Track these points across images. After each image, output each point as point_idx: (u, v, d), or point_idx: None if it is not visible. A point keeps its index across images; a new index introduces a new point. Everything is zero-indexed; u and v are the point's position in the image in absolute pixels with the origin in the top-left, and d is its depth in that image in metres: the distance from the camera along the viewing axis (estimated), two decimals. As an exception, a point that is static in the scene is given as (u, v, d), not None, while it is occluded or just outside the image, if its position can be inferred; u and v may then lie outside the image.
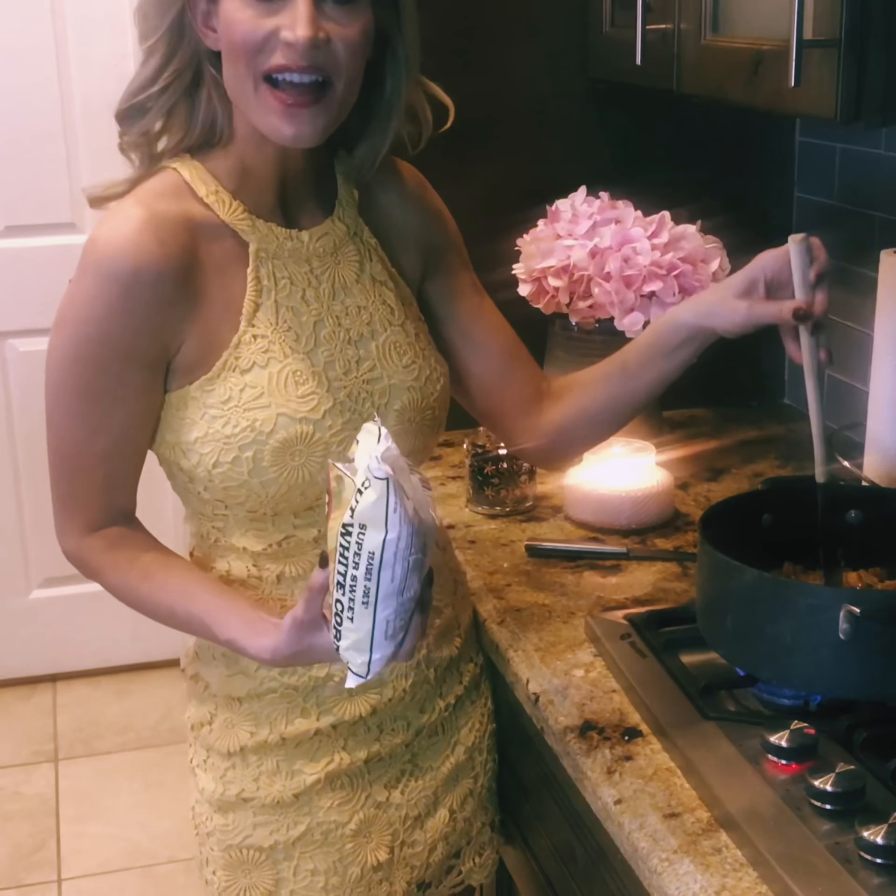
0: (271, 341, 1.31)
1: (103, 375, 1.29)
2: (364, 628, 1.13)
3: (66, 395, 1.32)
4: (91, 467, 1.34)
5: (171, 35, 1.29)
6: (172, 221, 1.28)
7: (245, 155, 1.33)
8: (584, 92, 2.17)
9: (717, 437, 2.20)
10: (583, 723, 1.34)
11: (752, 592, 1.27)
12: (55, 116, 3.29)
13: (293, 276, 1.34)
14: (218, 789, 1.44)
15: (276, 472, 1.30)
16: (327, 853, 1.44)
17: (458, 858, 1.57)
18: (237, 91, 1.28)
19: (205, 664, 1.46)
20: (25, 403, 3.46)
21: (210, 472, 1.30)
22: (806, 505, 1.46)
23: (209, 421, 1.29)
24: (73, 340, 1.29)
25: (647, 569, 1.70)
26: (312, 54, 1.22)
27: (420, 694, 1.47)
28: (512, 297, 1.97)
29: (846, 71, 1.38)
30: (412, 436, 1.39)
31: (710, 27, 1.70)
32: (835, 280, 1.36)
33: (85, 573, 1.41)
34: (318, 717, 1.41)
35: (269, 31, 1.22)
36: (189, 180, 1.32)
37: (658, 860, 1.13)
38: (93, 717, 3.51)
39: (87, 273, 1.27)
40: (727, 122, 2.16)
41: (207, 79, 1.31)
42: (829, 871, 1.05)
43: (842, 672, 1.22)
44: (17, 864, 2.94)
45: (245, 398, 1.29)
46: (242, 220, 1.32)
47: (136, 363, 1.28)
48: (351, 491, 1.10)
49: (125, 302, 1.26)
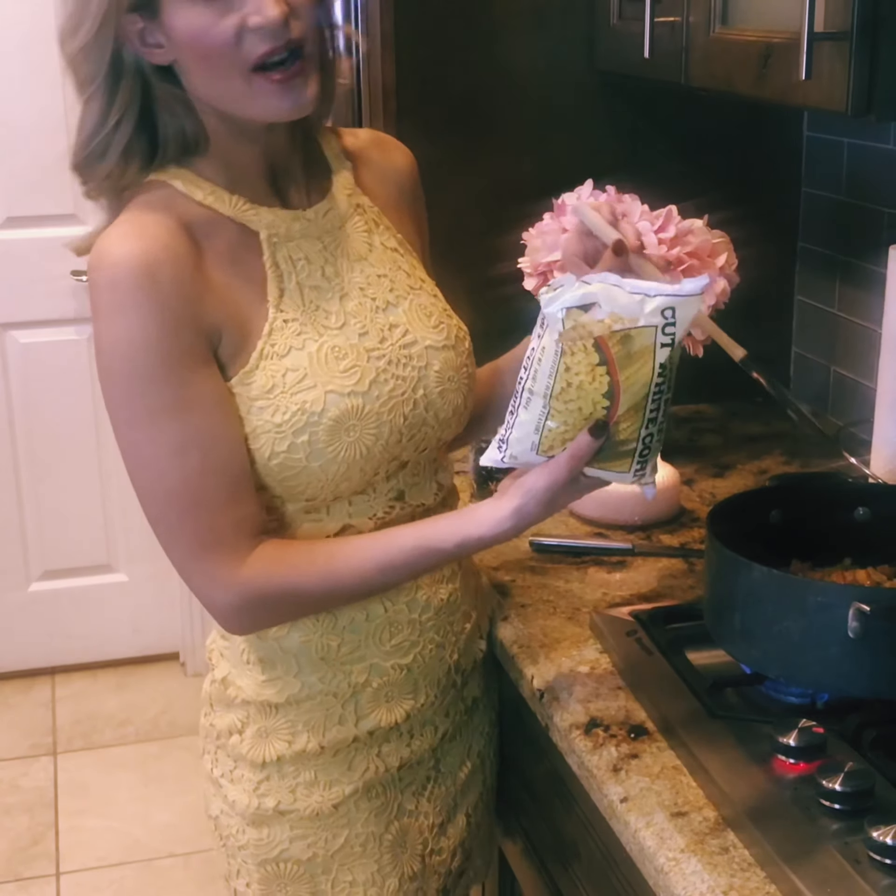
0: (303, 323, 1.30)
1: (167, 386, 1.23)
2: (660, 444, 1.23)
3: (138, 429, 1.24)
4: (197, 491, 1.25)
5: (110, 74, 1.25)
6: (167, 226, 1.25)
7: (227, 154, 1.31)
8: (592, 85, 2.16)
9: (723, 433, 2.19)
10: (588, 720, 1.33)
11: (761, 589, 1.26)
12: (57, 107, 3.27)
13: (309, 256, 1.33)
14: (252, 803, 1.42)
15: (334, 452, 1.27)
16: (365, 864, 1.43)
17: (469, 860, 1.57)
18: (220, 92, 1.25)
19: (236, 668, 1.42)
20: (26, 395, 3.45)
21: (266, 465, 1.27)
22: (814, 502, 1.46)
23: (257, 413, 1.26)
24: (120, 366, 1.24)
25: (652, 565, 1.69)
26: (286, 28, 1.20)
27: (447, 699, 1.47)
28: (517, 291, 1.96)
29: (857, 64, 1.36)
30: (453, 395, 1.38)
31: (719, 20, 1.68)
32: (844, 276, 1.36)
33: (265, 614, 1.31)
34: (356, 724, 1.40)
35: (236, 25, 1.20)
36: (183, 188, 1.29)
37: (665, 859, 1.12)
38: (92, 710, 3.51)
39: (104, 296, 1.23)
40: (735, 116, 2.15)
41: (162, 97, 1.27)
42: (838, 871, 1.04)
43: (851, 670, 1.21)
44: (15, 857, 2.94)
45: (289, 382, 1.27)
46: (246, 210, 1.31)
47: (192, 363, 1.24)
48: (646, 337, 1.13)
49: (152, 305, 1.21)
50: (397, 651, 1.39)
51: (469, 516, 1.27)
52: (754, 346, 1.42)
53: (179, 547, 1.27)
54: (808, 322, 2.32)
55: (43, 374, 3.44)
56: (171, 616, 3.55)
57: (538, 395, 1.18)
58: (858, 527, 1.44)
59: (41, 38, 3.21)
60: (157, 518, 1.27)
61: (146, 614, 3.62)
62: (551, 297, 1.17)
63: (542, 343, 1.18)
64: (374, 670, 1.39)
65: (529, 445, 1.21)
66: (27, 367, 3.43)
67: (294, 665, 1.37)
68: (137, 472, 1.26)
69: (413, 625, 1.40)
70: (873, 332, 2.03)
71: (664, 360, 1.15)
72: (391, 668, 1.39)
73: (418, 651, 1.41)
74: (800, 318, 2.34)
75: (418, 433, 1.35)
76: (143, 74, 1.26)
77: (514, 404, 1.21)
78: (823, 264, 2.24)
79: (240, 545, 1.27)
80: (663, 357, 1.15)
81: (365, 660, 1.38)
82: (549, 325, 1.17)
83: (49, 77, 3.25)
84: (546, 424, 1.19)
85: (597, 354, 1.15)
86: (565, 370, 1.16)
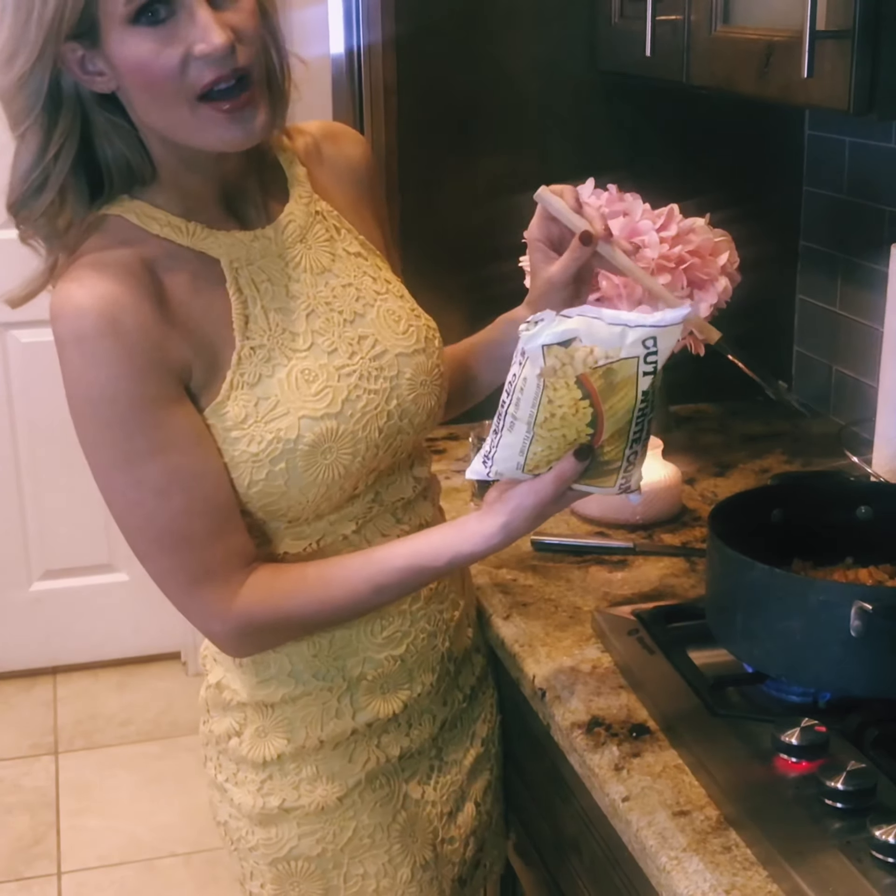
0: (270, 349, 1.28)
1: (136, 432, 1.22)
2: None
3: (118, 474, 1.23)
4: (185, 529, 1.24)
5: (48, 105, 1.20)
6: (125, 266, 1.22)
7: (178, 182, 1.28)
8: (593, 84, 2.15)
9: (724, 433, 2.19)
10: (590, 719, 1.33)
11: (763, 588, 1.26)
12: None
13: (272, 277, 1.31)
14: (257, 803, 1.41)
15: (312, 475, 1.27)
16: (376, 856, 1.43)
17: (483, 851, 1.57)
18: (165, 119, 1.21)
19: (230, 671, 1.42)
20: (27, 394, 3.44)
21: (247, 492, 1.27)
22: (816, 500, 1.46)
23: (232, 443, 1.25)
24: (92, 412, 1.22)
25: (653, 564, 1.69)
26: (233, 56, 1.17)
27: (443, 687, 1.48)
28: (519, 290, 1.96)
29: (859, 62, 1.36)
30: (426, 398, 1.37)
31: (720, 18, 1.68)
32: (846, 275, 1.36)
33: (261, 641, 1.32)
34: (354, 717, 1.40)
35: (182, 53, 1.16)
36: (137, 221, 1.26)
37: (667, 858, 1.11)
38: (93, 709, 3.51)
39: (69, 347, 1.20)
40: (736, 115, 2.15)
41: (102, 126, 1.23)
42: (841, 870, 1.04)
43: (853, 669, 1.21)
44: (16, 856, 2.94)
45: (262, 411, 1.26)
46: (205, 238, 1.28)
47: (162, 403, 1.22)
48: (628, 368, 1.12)
49: (119, 353, 1.19)
50: (390, 642, 1.40)
51: (458, 533, 1.27)
52: (756, 345, 1.42)
53: (171, 583, 1.28)
54: (809, 321, 2.32)
55: (44, 374, 3.41)
56: (173, 615, 3.48)
57: (521, 422, 1.17)
58: (860, 526, 1.44)
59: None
60: (147, 556, 1.27)
61: (147, 614, 3.60)
62: (532, 335, 1.13)
63: (522, 373, 1.15)
64: (368, 663, 1.39)
65: (514, 465, 1.20)
66: (28, 366, 3.42)
67: (287, 664, 1.37)
68: (122, 516, 1.26)
69: (403, 615, 1.40)
70: (875, 331, 2.03)
71: (647, 387, 1.14)
72: (385, 660, 1.40)
73: (410, 641, 1.41)
74: (801, 316, 2.34)
75: (395, 441, 1.35)
76: (82, 103, 1.22)
77: (497, 425, 1.19)
78: (825, 263, 2.24)
79: (231, 577, 1.27)
80: (646, 385, 1.14)
81: (358, 653, 1.38)
82: (531, 360, 1.14)
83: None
84: (531, 448, 1.18)
85: (579, 390, 1.14)
86: (548, 402, 1.15)
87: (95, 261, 1.23)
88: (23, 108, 1.20)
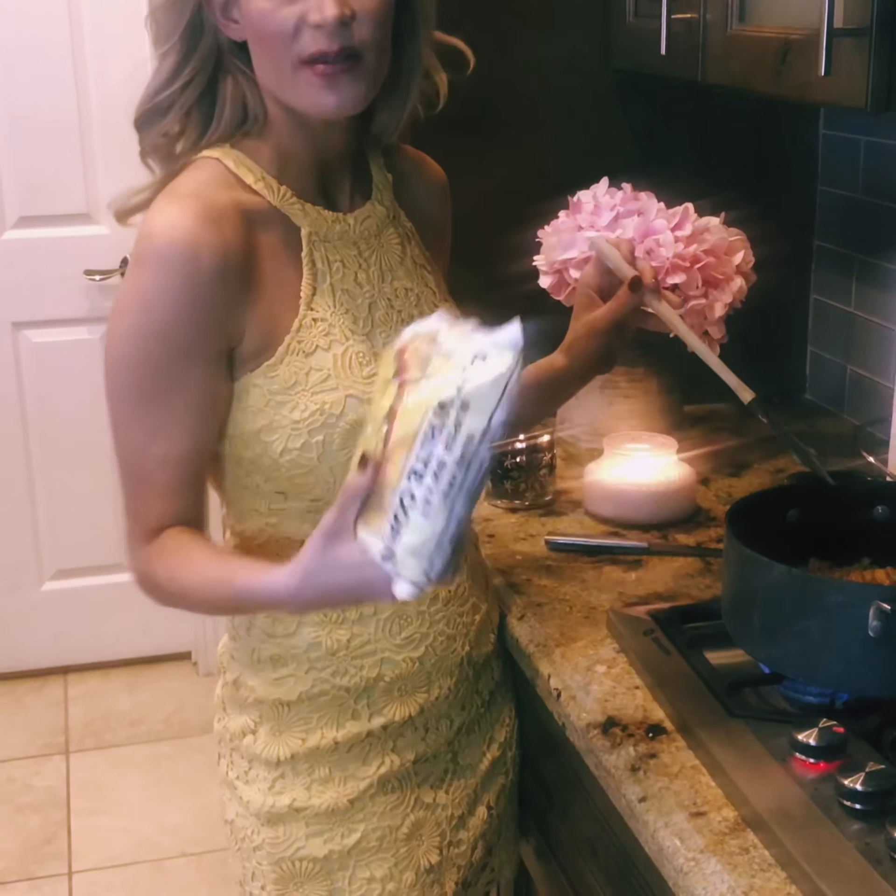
0: (331, 324, 1.30)
1: (164, 373, 1.24)
2: (436, 527, 1.02)
3: (126, 396, 1.27)
4: (149, 472, 1.27)
5: (187, 36, 1.28)
6: (228, 211, 1.25)
7: (282, 141, 1.32)
8: (608, 82, 2.15)
9: (739, 433, 2.18)
10: (606, 719, 1.32)
11: (781, 588, 1.25)
12: (70, 107, 3.28)
13: (345, 259, 1.34)
14: (267, 801, 1.41)
15: (346, 456, 1.26)
16: (382, 859, 1.42)
17: (491, 854, 1.56)
18: (273, 76, 1.26)
19: (247, 668, 1.42)
20: (39, 394, 3.45)
21: (276, 460, 1.28)
22: (832, 500, 1.45)
23: (275, 407, 1.27)
24: (133, 336, 1.24)
25: (668, 564, 1.68)
26: (342, 32, 1.21)
27: (462, 691, 1.47)
28: (532, 289, 1.96)
29: (877, 60, 1.35)
30: None
31: (736, 16, 1.68)
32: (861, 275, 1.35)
33: (145, 589, 1.32)
34: (370, 719, 1.39)
35: (297, 17, 1.21)
36: (234, 169, 1.30)
37: (684, 859, 1.11)
38: (104, 709, 3.50)
39: (148, 265, 1.23)
40: (751, 114, 2.15)
41: (231, 70, 1.29)
42: (860, 871, 1.03)
43: (871, 670, 1.20)
44: (27, 856, 2.93)
45: (312, 381, 1.27)
46: (292, 203, 1.31)
47: (199, 358, 1.24)
48: (449, 363, 1.00)
49: (189, 294, 1.21)
50: (408, 644, 1.39)
51: (261, 567, 1.20)
52: (770, 346, 1.41)
53: (124, 504, 1.31)
54: (824, 321, 2.31)
55: (55, 374, 3.44)
56: (183, 615, 3.50)
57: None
58: (877, 525, 1.43)
59: (56, 38, 3.23)
60: (120, 481, 1.30)
61: (158, 614, 3.54)
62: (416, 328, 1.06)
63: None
64: (386, 664, 1.39)
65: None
66: (40, 366, 3.42)
67: (305, 661, 1.37)
68: (115, 438, 1.29)
69: (422, 616, 1.39)
70: (890, 331, 2.02)
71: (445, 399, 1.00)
72: (403, 662, 1.39)
73: (429, 643, 1.41)
74: (816, 316, 2.33)
75: None
76: (218, 44, 1.29)
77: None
78: (839, 263, 2.23)
79: (153, 530, 1.28)
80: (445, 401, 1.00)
81: (376, 653, 1.38)
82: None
83: (63, 77, 3.26)
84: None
85: (394, 367, 1.06)
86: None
87: (202, 193, 1.26)
88: (166, 30, 1.28)
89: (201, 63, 1.29)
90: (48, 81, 3.25)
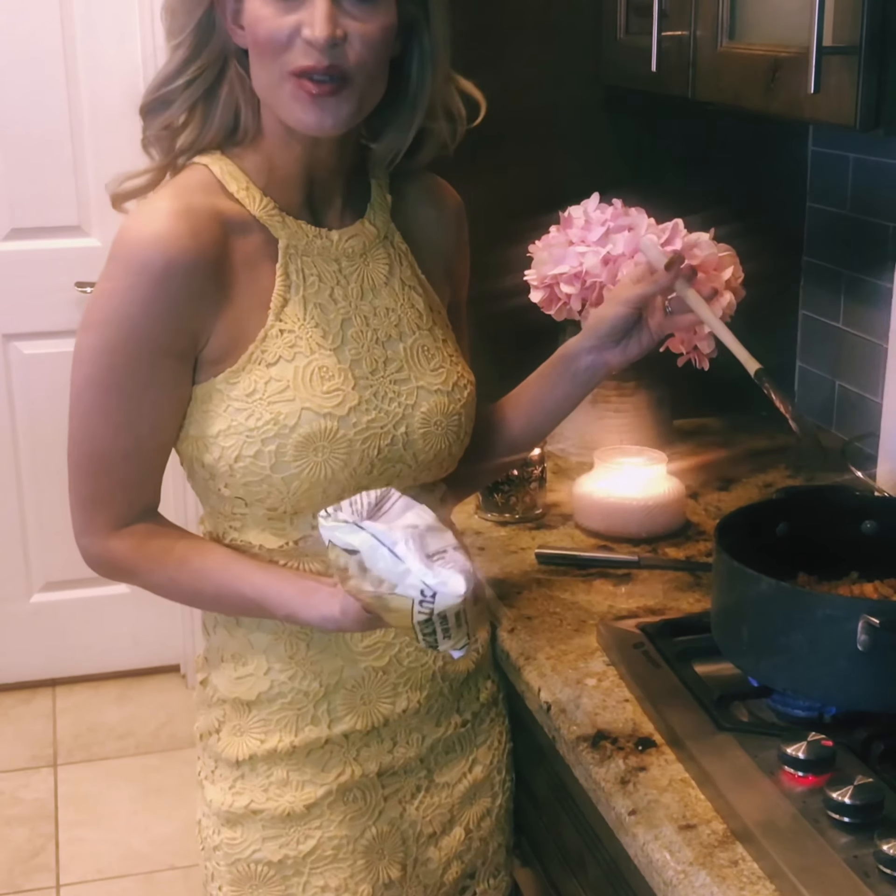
0: (298, 336, 1.31)
1: (131, 369, 1.28)
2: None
3: (92, 391, 1.30)
4: (113, 465, 1.32)
5: (198, 32, 1.30)
6: (204, 214, 1.28)
7: (273, 152, 1.33)
8: (598, 99, 2.16)
9: (728, 447, 2.19)
10: (595, 732, 1.33)
11: (769, 602, 1.26)
12: (62, 119, 3.29)
13: (322, 274, 1.34)
14: (227, 801, 1.42)
15: (298, 468, 1.29)
16: (338, 869, 1.41)
17: (473, 879, 1.55)
18: (265, 86, 1.28)
19: (214, 667, 1.43)
20: (29, 406, 3.44)
21: (232, 466, 1.29)
22: (821, 515, 1.46)
23: (232, 413, 1.29)
24: (103, 334, 1.28)
25: (658, 578, 1.69)
26: (332, 53, 1.22)
27: (436, 707, 1.46)
28: (523, 304, 1.96)
29: (866, 78, 1.36)
30: (437, 439, 1.37)
31: (726, 34, 1.69)
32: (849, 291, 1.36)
33: (114, 575, 1.39)
34: (330, 725, 1.39)
35: (291, 28, 1.23)
36: (220, 176, 1.32)
37: (673, 872, 1.11)
38: (93, 722, 3.50)
39: (118, 265, 1.27)
40: (741, 131, 2.16)
41: (232, 76, 1.31)
42: (848, 884, 1.04)
43: (859, 684, 1.21)
44: (15, 869, 2.93)
45: (269, 391, 1.29)
46: (273, 215, 1.32)
47: (165, 355, 1.28)
48: (401, 602, 1.11)
49: (156, 294, 1.25)
50: (370, 653, 1.39)
51: (305, 597, 1.28)
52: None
53: (75, 489, 1.35)
54: (812, 336, 2.32)
55: (46, 386, 3.43)
56: (173, 628, 3.54)
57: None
58: (865, 540, 1.44)
59: (48, 52, 3.24)
60: (72, 463, 1.34)
61: (147, 626, 3.60)
62: (326, 525, 1.14)
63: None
64: (347, 672, 1.38)
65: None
66: (30, 378, 3.42)
67: (264, 662, 1.38)
68: (73, 426, 1.32)
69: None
70: (878, 347, 2.03)
71: (424, 619, 1.12)
72: (365, 671, 1.39)
73: (394, 654, 1.40)
74: (804, 332, 2.35)
75: (392, 468, 1.35)
76: (227, 49, 1.31)
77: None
78: (828, 279, 2.24)
79: (119, 519, 1.34)
80: (422, 617, 1.12)
81: (336, 661, 1.38)
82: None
83: (55, 90, 3.27)
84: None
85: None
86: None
87: (181, 197, 1.29)
88: (179, 23, 1.31)
89: (209, 62, 1.31)
90: (40, 94, 3.26)
